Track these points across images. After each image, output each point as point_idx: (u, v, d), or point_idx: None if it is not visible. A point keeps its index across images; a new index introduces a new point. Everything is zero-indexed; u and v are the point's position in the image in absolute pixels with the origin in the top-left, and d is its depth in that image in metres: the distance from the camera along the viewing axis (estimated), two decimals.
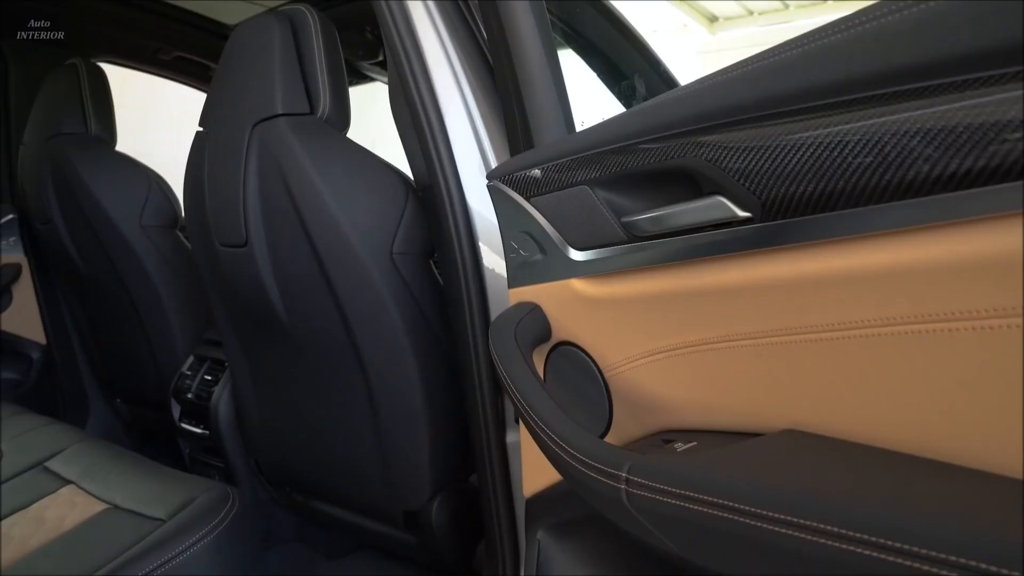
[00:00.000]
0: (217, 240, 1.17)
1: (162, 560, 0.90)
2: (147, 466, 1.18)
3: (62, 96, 1.72)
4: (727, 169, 0.54)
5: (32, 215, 1.88)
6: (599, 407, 0.74)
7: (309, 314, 1.12)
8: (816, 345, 0.51)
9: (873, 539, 0.37)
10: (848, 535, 0.39)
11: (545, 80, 0.82)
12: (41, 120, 1.77)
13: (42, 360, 2.05)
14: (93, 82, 1.73)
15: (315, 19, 1.08)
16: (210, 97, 1.21)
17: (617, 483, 0.53)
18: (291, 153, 1.01)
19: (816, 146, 0.47)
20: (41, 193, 1.74)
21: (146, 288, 1.70)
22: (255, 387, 1.39)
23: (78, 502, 1.06)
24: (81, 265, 1.79)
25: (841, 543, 0.39)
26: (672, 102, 0.59)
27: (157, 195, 1.70)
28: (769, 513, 0.43)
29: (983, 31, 0.38)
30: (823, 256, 0.49)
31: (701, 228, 0.59)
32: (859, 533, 0.38)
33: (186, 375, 1.68)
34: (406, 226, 1.04)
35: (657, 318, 0.65)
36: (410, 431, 1.10)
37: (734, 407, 0.61)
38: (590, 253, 0.71)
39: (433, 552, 1.21)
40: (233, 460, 1.56)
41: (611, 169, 0.65)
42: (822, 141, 0.46)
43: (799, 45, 0.47)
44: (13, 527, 1.00)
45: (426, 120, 0.94)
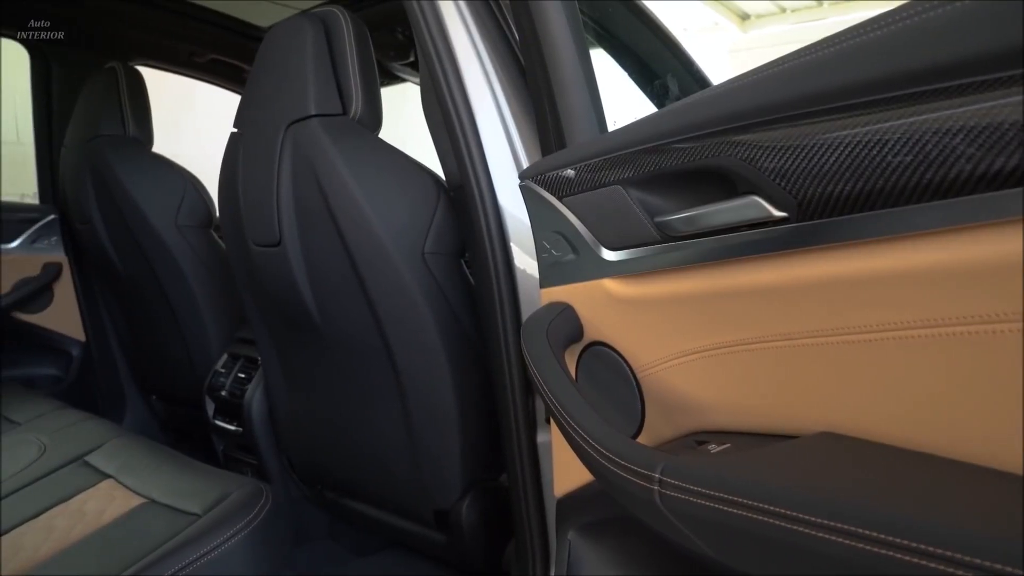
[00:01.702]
0: (251, 240, 1.19)
1: (198, 554, 0.91)
2: (183, 462, 1.20)
3: (101, 99, 1.76)
4: (763, 168, 0.53)
5: (72, 215, 1.92)
6: (631, 408, 0.74)
7: (341, 313, 1.13)
8: (854, 347, 0.50)
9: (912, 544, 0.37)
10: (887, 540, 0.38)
11: (577, 80, 0.81)
12: (81, 122, 1.81)
13: (81, 357, 2.10)
14: (131, 85, 1.77)
15: (347, 20, 1.09)
16: (244, 98, 1.23)
17: (650, 484, 0.53)
18: (324, 153, 1.02)
19: (854, 145, 0.46)
20: (81, 194, 1.78)
21: (181, 287, 1.73)
22: (287, 385, 1.40)
23: (117, 496, 1.09)
24: (119, 264, 1.82)
25: (880, 548, 0.38)
26: (706, 101, 0.58)
27: (192, 195, 1.73)
28: (806, 516, 0.42)
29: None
30: (861, 256, 0.48)
31: (735, 228, 0.58)
32: (898, 538, 0.37)
33: (220, 373, 1.70)
34: (437, 226, 1.05)
35: (691, 318, 0.64)
36: (441, 430, 1.11)
37: (768, 409, 0.60)
38: (623, 253, 0.71)
39: (462, 551, 1.22)
40: (266, 457, 1.58)
41: (644, 169, 0.65)
42: (860, 140, 0.46)
43: (837, 42, 0.47)
44: (56, 519, 1.03)
45: (457, 120, 0.94)
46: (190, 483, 1.09)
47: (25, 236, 1.98)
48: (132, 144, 1.75)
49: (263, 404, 1.55)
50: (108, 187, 1.68)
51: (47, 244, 2.03)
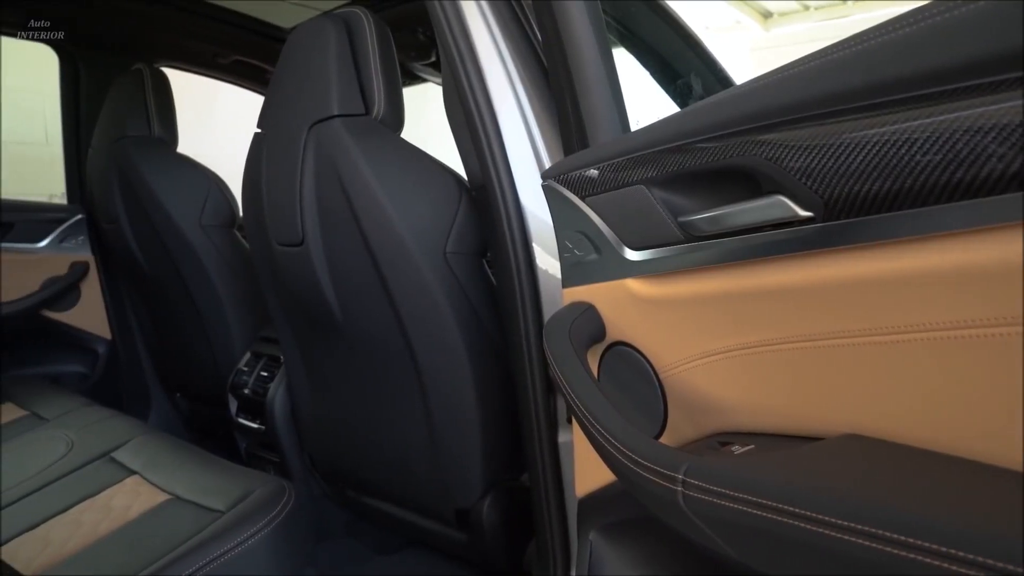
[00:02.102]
0: (274, 239, 1.20)
1: (221, 551, 0.92)
2: (206, 459, 1.21)
3: (128, 100, 1.78)
4: (788, 168, 0.53)
5: (99, 215, 1.95)
6: (653, 408, 0.74)
7: (363, 312, 1.14)
8: (881, 348, 0.50)
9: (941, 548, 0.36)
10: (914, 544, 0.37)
11: (600, 79, 0.81)
12: (108, 123, 1.84)
13: (107, 355, 2.13)
14: (157, 86, 1.79)
15: (370, 21, 1.10)
16: (268, 99, 1.24)
17: (673, 485, 0.52)
18: (346, 153, 1.03)
19: (882, 144, 0.46)
20: (107, 194, 1.81)
21: (205, 285, 1.75)
22: (310, 384, 1.41)
23: (142, 492, 1.10)
24: (144, 263, 1.84)
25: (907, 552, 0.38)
26: (730, 100, 0.58)
27: (216, 195, 1.75)
28: (832, 519, 0.42)
29: None
30: (889, 256, 0.48)
31: (760, 228, 0.58)
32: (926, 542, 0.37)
33: (243, 371, 1.72)
34: (459, 226, 1.05)
35: (714, 319, 0.64)
36: (462, 429, 1.11)
37: (793, 410, 0.60)
38: (646, 253, 0.70)
39: (483, 551, 1.22)
40: (288, 455, 1.59)
41: (668, 168, 0.64)
42: (888, 139, 0.45)
43: (864, 40, 0.46)
44: (84, 513, 1.04)
45: (479, 120, 0.94)
46: (214, 480, 1.10)
47: (53, 236, 2.02)
48: (157, 144, 1.78)
49: (285, 402, 1.57)
50: (134, 187, 1.70)
51: (74, 243, 2.06)
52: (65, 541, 0.96)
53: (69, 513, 1.05)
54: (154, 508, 1.04)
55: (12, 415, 1.51)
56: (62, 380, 2.04)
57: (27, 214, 1.99)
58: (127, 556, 0.91)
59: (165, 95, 1.82)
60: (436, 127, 1.96)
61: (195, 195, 1.72)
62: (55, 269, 2.01)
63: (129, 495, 1.09)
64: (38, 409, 1.52)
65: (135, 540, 0.95)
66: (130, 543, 0.95)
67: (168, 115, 1.83)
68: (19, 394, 1.63)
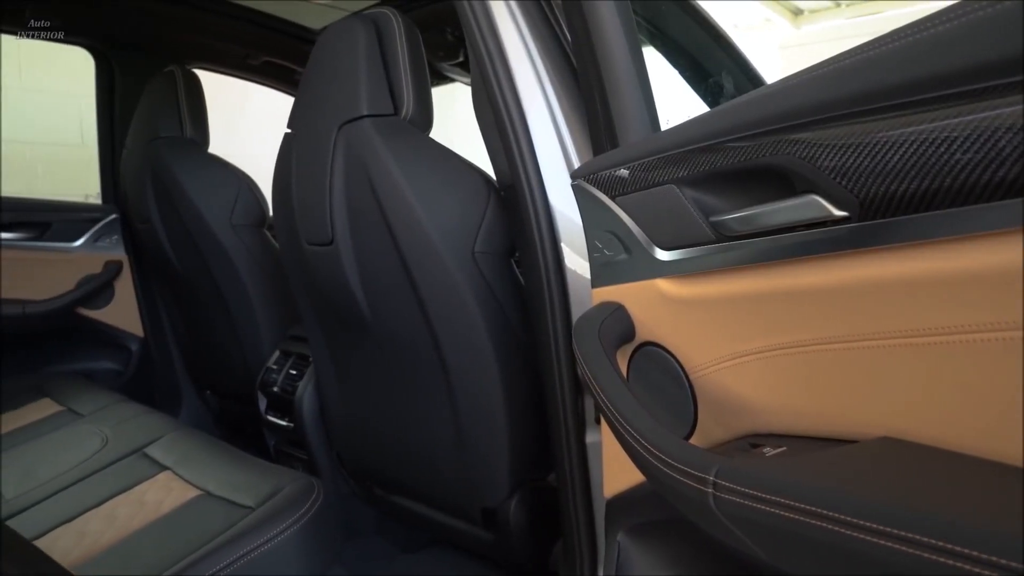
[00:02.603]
0: (304, 239, 1.21)
1: (251, 546, 0.93)
2: (236, 455, 1.22)
3: (161, 101, 1.81)
4: (822, 167, 0.52)
5: (133, 215, 1.99)
6: (683, 409, 0.73)
7: (392, 312, 1.14)
8: (918, 350, 0.49)
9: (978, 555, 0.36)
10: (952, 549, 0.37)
11: (630, 79, 0.81)
12: (141, 124, 1.87)
13: (140, 352, 2.17)
14: (189, 88, 1.82)
15: (399, 21, 1.11)
16: (298, 99, 1.25)
17: (704, 487, 0.52)
18: (376, 153, 1.03)
19: (920, 142, 0.45)
20: (141, 194, 1.84)
21: (235, 284, 1.77)
22: (338, 383, 1.42)
23: (174, 487, 1.12)
24: (176, 262, 1.87)
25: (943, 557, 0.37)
26: (763, 99, 0.57)
27: (246, 195, 1.77)
28: (867, 523, 0.41)
29: None
30: (928, 257, 0.47)
31: (793, 228, 0.57)
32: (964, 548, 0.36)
33: (272, 369, 1.73)
34: (488, 225, 1.05)
35: (746, 320, 0.63)
36: (490, 429, 1.11)
37: (826, 412, 0.59)
38: (676, 253, 0.70)
39: (510, 550, 1.22)
40: (316, 453, 1.61)
41: (699, 168, 0.64)
42: (927, 137, 0.44)
43: (902, 36, 0.45)
44: (118, 507, 1.06)
45: (508, 119, 0.94)
46: (244, 477, 1.12)
47: (88, 235, 2.06)
48: (189, 145, 1.80)
49: (314, 401, 1.58)
50: (166, 187, 1.73)
51: (109, 243, 2.10)
52: (100, 534, 0.98)
53: (104, 507, 1.07)
54: (186, 503, 1.06)
55: (49, 410, 1.54)
56: (96, 376, 2.08)
57: (63, 214, 2.03)
58: (160, 550, 0.92)
59: (197, 96, 1.85)
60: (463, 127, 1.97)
61: (226, 195, 1.74)
62: (90, 268, 2.05)
63: (161, 490, 1.11)
64: (74, 405, 1.55)
65: (167, 534, 0.97)
66: (163, 537, 0.96)
67: (200, 116, 1.85)
68: (56, 390, 1.66)
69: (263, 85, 2.39)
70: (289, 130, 1.27)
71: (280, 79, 2.35)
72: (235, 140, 2.51)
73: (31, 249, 1.95)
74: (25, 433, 1.41)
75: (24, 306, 1.90)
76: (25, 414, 1.53)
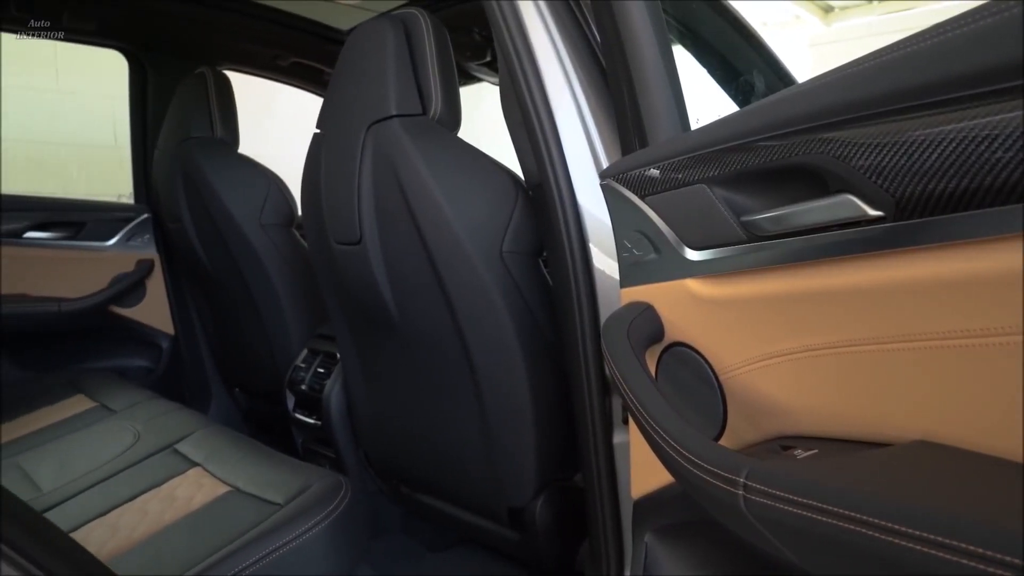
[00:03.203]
0: (332, 238, 1.22)
1: (280, 543, 0.94)
2: (265, 453, 1.24)
3: (192, 102, 1.83)
4: (857, 166, 0.51)
5: (164, 214, 2.02)
6: (713, 410, 0.73)
7: (420, 311, 1.15)
8: (954, 352, 0.48)
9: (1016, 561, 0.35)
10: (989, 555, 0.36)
11: (660, 78, 0.80)
12: (173, 125, 1.90)
13: (170, 350, 2.20)
14: (219, 89, 1.84)
15: (427, 21, 1.11)
16: (327, 100, 1.26)
17: (734, 488, 0.51)
18: (404, 153, 1.04)
19: (960, 140, 0.44)
20: (172, 194, 1.87)
21: (264, 283, 1.79)
22: (366, 381, 1.43)
23: (204, 483, 1.13)
24: (206, 261, 1.90)
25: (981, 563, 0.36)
26: (795, 97, 0.57)
27: (275, 195, 1.78)
28: (901, 528, 0.40)
29: None
30: (966, 257, 0.46)
31: (826, 228, 0.56)
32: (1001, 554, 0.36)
33: (300, 368, 1.75)
34: (516, 225, 1.05)
35: (777, 320, 0.63)
36: (516, 429, 1.11)
37: (859, 415, 0.58)
38: (707, 253, 0.69)
39: (536, 550, 1.22)
40: (343, 451, 1.62)
41: (730, 167, 0.63)
42: (967, 135, 0.44)
43: (943, 32, 0.44)
44: (149, 502, 1.08)
45: (537, 119, 0.94)
46: (272, 474, 1.13)
47: (121, 234, 2.09)
48: (219, 145, 1.82)
49: (341, 399, 1.59)
50: (197, 187, 1.75)
51: (140, 242, 2.13)
52: (133, 528, 1.00)
53: (136, 502, 1.09)
54: (216, 499, 1.07)
55: (83, 406, 1.57)
56: (128, 373, 2.12)
57: (97, 214, 2.07)
58: (191, 545, 0.94)
59: (227, 97, 1.87)
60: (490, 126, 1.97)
61: (255, 194, 1.76)
62: (122, 267, 2.09)
63: (192, 486, 1.13)
64: (107, 401, 1.58)
65: (198, 530, 0.98)
66: (194, 532, 0.97)
67: (230, 117, 1.87)
68: (89, 386, 1.69)
69: (291, 86, 2.41)
70: (318, 130, 1.28)
71: (309, 80, 2.37)
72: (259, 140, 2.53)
73: (66, 248, 1.99)
74: (61, 428, 1.44)
75: (59, 304, 1.94)
76: (60, 410, 1.56)
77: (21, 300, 1.90)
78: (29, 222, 1.93)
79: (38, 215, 1.96)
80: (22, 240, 1.92)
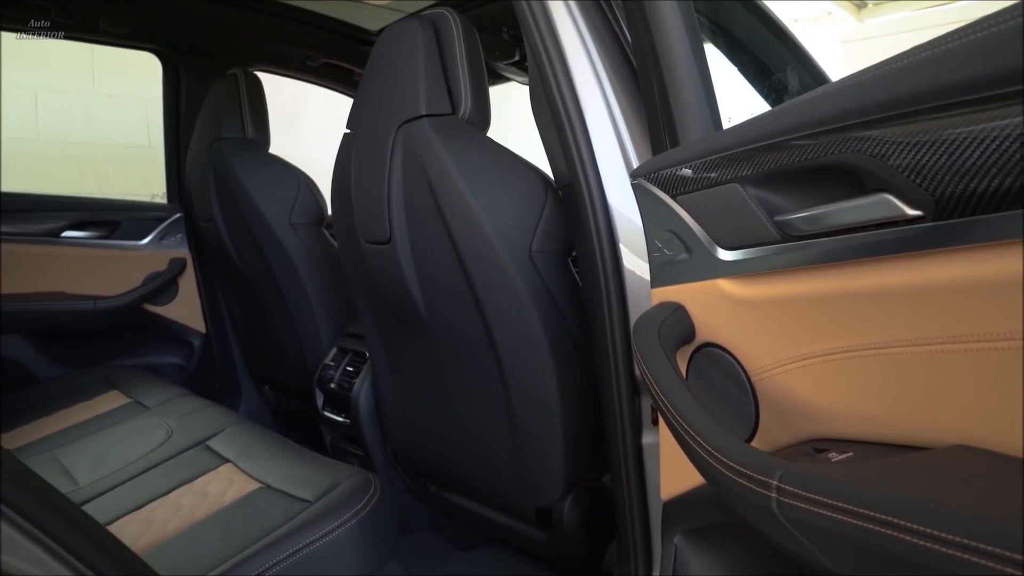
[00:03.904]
0: (362, 237, 1.23)
1: (309, 540, 0.95)
2: (295, 450, 1.25)
3: (224, 103, 1.86)
4: (895, 165, 0.50)
5: (196, 213, 2.05)
6: (744, 412, 0.72)
7: (449, 310, 1.15)
8: (994, 355, 0.47)
9: None
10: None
11: (692, 77, 0.80)
12: (206, 126, 1.93)
13: (202, 347, 2.23)
14: (251, 90, 1.86)
15: (457, 22, 1.11)
16: (357, 100, 1.27)
17: (767, 491, 0.51)
18: (434, 152, 1.04)
19: (1004, 138, 0.43)
20: (204, 193, 1.89)
21: (294, 282, 1.81)
22: (394, 380, 1.44)
23: (235, 479, 1.15)
24: (237, 260, 1.92)
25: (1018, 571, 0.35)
26: (830, 95, 0.56)
27: (305, 194, 1.80)
28: (941, 534, 0.39)
29: None
30: (1008, 257, 0.45)
31: (862, 227, 0.55)
32: None
33: (329, 366, 1.77)
34: (545, 224, 1.05)
35: (811, 321, 0.62)
36: (544, 428, 1.11)
37: (895, 418, 0.57)
38: (739, 253, 0.69)
39: (563, 550, 1.22)
40: (372, 449, 1.63)
41: (764, 166, 0.63)
42: (1011, 132, 0.43)
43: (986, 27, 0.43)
44: (182, 497, 1.09)
45: (567, 118, 0.94)
46: (302, 471, 1.14)
47: (155, 233, 2.13)
48: (251, 145, 1.85)
49: (370, 397, 1.60)
50: (229, 187, 1.77)
51: (173, 241, 2.17)
52: (167, 522, 1.01)
53: (169, 497, 1.11)
54: (246, 495, 1.08)
55: (118, 402, 1.60)
56: (161, 370, 2.15)
57: (131, 213, 2.11)
58: (223, 540, 0.95)
59: (259, 98, 1.89)
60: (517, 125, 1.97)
61: (286, 194, 1.78)
62: (156, 265, 2.12)
63: (223, 482, 1.14)
64: (140, 397, 1.60)
65: (230, 525, 0.99)
66: (225, 528, 0.99)
67: (261, 117, 1.90)
68: (123, 382, 1.72)
69: (321, 86, 2.43)
70: (348, 130, 1.29)
71: (339, 80, 2.39)
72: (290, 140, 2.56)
73: (102, 247, 2.03)
74: (97, 423, 1.47)
75: (95, 302, 1.98)
76: (96, 405, 1.59)
77: (59, 298, 1.94)
78: (67, 222, 1.97)
79: (75, 215, 2.00)
80: (60, 239, 1.96)
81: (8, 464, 0.53)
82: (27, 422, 1.52)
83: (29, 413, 1.56)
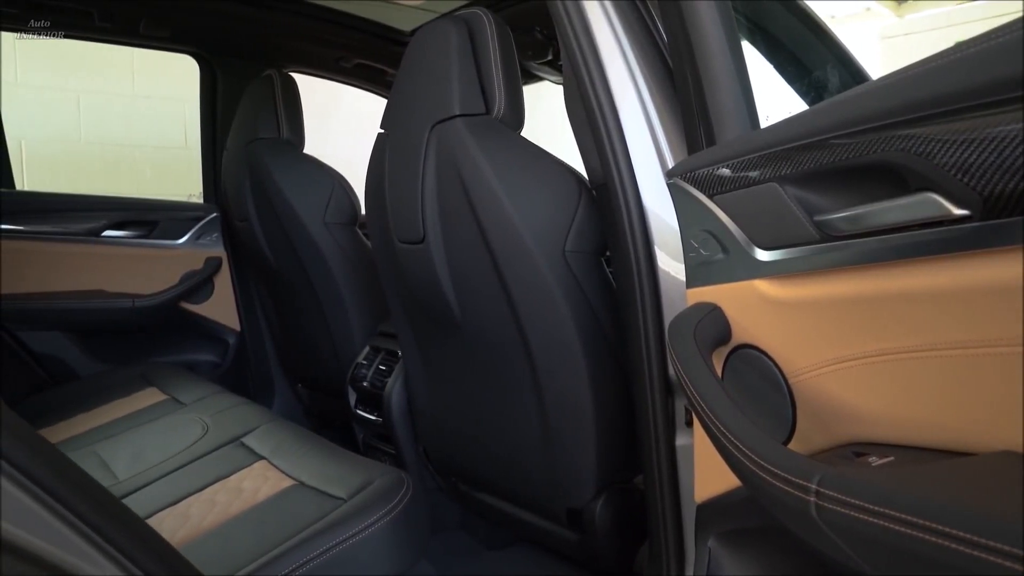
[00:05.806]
0: (396, 237, 1.23)
1: (342, 537, 0.95)
2: (328, 448, 1.26)
3: (259, 104, 1.88)
4: (940, 163, 0.49)
5: (232, 213, 2.08)
6: (781, 414, 0.71)
7: (482, 310, 1.15)
8: None
9: None
10: None
11: (729, 76, 0.79)
12: (241, 127, 1.95)
13: (236, 345, 2.26)
14: (286, 91, 1.88)
15: (490, 21, 1.11)
16: (391, 100, 1.27)
17: (806, 495, 0.50)
18: (467, 152, 1.04)
19: None
20: (240, 193, 1.92)
21: (327, 281, 1.82)
22: (427, 379, 1.44)
23: (270, 476, 1.16)
24: (271, 259, 1.94)
25: None
26: (872, 93, 0.55)
27: (339, 194, 1.82)
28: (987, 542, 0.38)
29: None
30: None
31: (905, 227, 0.54)
32: None
33: (362, 365, 1.78)
34: (579, 224, 1.04)
35: (851, 323, 0.61)
36: (577, 429, 1.10)
37: (937, 422, 0.56)
38: (777, 253, 0.68)
39: (594, 551, 1.21)
40: (404, 447, 1.64)
41: (803, 165, 0.62)
42: None
43: None
44: (217, 493, 1.11)
45: (601, 118, 0.93)
46: (335, 469, 1.14)
47: (191, 233, 2.16)
48: (285, 146, 1.87)
49: (402, 396, 1.61)
50: (264, 186, 1.80)
51: (209, 240, 2.20)
52: (202, 518, 1.03)
53: (205, 492, 1.12)
54: (280, 492, 1.09)
55: (155, 398, 1.63)
56: (197, 367, 2.19)
57: (168, 213, 2.15)
58: (257, 536, 0.96)
59: (293, 99, 1.91)
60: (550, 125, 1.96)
61: (320, 194, 1.79)
62: (192, 264, 2.16)
63: (258, 479, 1.15)
64: (177, 394, 1.63)
65: (264, 522, 1.00)
66: (259, 524, 1.00)
67: (296, 118, 1.91)
68: (160, 379, 1.75)
69: (355, 87, 2.45)
70: (382, 130, 1.29)
71: (372, 81, 2.41)
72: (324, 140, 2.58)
73: (140, 246, 2.07)
74: (135, 419, 1.50)
75: (133, 300, 2.02)
76: (133, 401, 1.62)
77: (99, 296, 1.98)
78: (107, 221, 2.02)
79: (115, 215, 2.04)
80: (101, 239, 2.00)
81: (53, 459, 0.55)
82: (67, 417, 1.55)
83: (69, 408, 1.60)
